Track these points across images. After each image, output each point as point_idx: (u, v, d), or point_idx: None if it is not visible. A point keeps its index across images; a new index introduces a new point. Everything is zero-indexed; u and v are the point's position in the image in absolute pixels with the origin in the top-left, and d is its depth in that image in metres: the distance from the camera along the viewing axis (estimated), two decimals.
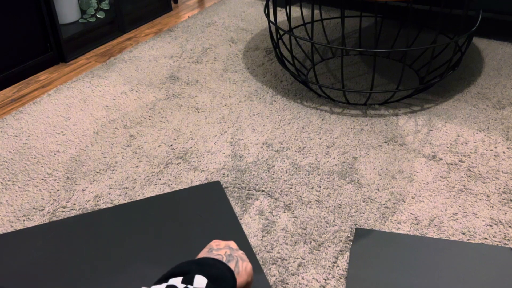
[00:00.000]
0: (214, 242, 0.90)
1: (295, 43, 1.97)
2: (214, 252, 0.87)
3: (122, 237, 1.12)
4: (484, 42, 1.94)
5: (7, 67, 1.77)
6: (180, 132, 1.48)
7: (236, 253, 0.88)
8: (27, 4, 1.77)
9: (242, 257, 0.87)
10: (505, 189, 1.23)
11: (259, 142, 1.42)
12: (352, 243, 1.09)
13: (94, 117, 1.56)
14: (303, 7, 2.32)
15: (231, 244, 0.90)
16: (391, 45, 1.93)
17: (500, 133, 1.43)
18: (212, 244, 0.90)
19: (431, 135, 1.43)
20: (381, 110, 1.56)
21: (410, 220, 1.15)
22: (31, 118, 1.56)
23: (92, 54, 2.00)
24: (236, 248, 0.90)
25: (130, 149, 1.42)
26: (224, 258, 0.86)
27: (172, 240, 1.11)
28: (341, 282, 1.01)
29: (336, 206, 1.20)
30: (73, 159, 1.38)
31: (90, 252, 1.09)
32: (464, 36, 1.51)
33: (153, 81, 1.75)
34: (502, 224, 1.13)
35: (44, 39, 1.87)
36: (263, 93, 1.66)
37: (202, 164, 1.35)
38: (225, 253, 0.86)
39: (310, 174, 1.30)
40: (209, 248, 0.88)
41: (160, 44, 2.02)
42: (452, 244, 1.08)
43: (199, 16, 2.28)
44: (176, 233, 1.13)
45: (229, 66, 1.84)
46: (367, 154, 1.36)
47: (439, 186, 1.24)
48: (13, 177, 1.32)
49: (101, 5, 2.17)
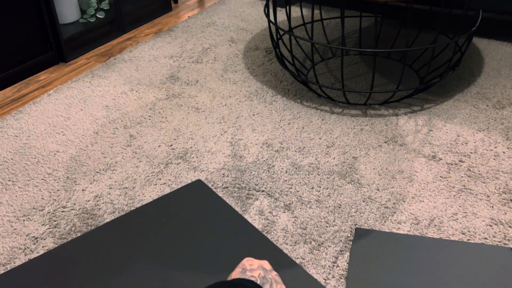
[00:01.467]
0: (248, 261, 0.86)
1: (295, 43, 1.97)
2: (248, 273, 0.84)
3: (125, 254, 1.08)
4: (484, 42, 1.94)
5: (7, 67, 1.77)
6: (180, 132, 1.48)
7: (270, 274, 0.84)
8: (27, 4, 1.77)
9: (276, 280, 0.84)
10: (505, 189, 1.23)
11: (259, 142, 1.42)
12: (352, 243, 1.09)
13: (94, 117, 1.56)
14: (303, 7, 2.32)
15: (264, 265, 0.86)
16: (391, 45, 1.93)
17: (500, 133, 1.43)
18: (245, 264, 0.86)
19: (431, 135, 1.43)
20: (381, 110, 1.56)
21: (410, 220, 1.15)
22: (31, 118, 1.56)
23: (92, 54, 2.00)
24: (270, 269, 0.86)
25: (130, 149, 1.42)
26: (259, 280, 0.82)
27: (182, 248, 1.08)
28: (341, 282, 1.01)
29: (336, 206, 1.20)
30: (73, 159, 1.38)
31: (98, 273, 1.04)
32: (464, 36, 1.51)
33: (153, 81, 1.75)
34: (502, 224, 1.13)
35: (44, 39, 1.87)
36: (263, 93, 1.66)
37: (202, 164, 1.35)
38: (259, 275, 0.83)
39: (310, 174, 1.30)
40: (242, 268, 0.85)
41: (160, 44, 2.02)
42: (452, 244, 1.08)
43: (199, 16, 2.28)
44: (182, 239, 1.10)
45: (229, 66, 1.84)
46: (367, 154, 1.36)
47: (439, 186, 1.24)
48: (13, 177, 1.32)
49: (101, 5, 2.17)
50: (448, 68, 1.61)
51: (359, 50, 1.40)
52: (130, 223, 1.16)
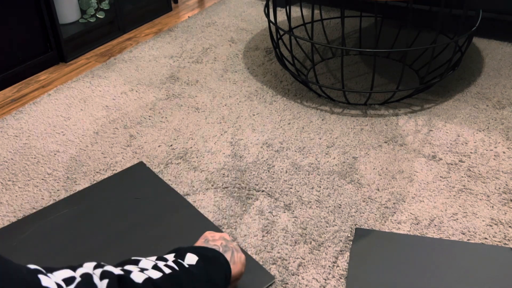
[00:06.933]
0: (210, 234, 0.93)
1: (295, 43, 1.97)
2: (210, 242, 0.90)
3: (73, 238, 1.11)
4: (484, 42, 1.94)
5: (7, 67, 1.77)
6: (180, 132, 1.48)
7: (231, 244, 0.91)
8: (27, 4, 1.77)
9: (236, 248, 0.91)
10: (505, 189, 1.23)
11: (259, 142, 1.42)
12: (352, 243, 1.09)
13: (94, 117, 1.56)
14: (303, 7, 2.32)
15: (225, 236, 0.93)
16: (391, 45, 1.93)
17: (500, 133, 1.43)
18: (207, 235, 0.93)
19: (431, 135, 1.43)
20: (381, 110, 1.56)
21: (410, 220, 1.15)
22: (31, 118, 1.56)
23: (92, 54, 2.00)
24: (230, 239, 0.93)
25: (130, 149, 1.42)
26: (221, 248, 0.89)
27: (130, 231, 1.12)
28: (341, 282, 1.01)
29: (336, 206, 1.20)
30: (73, 159, 1.38)
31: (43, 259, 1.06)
32: (464, 36, 1.51)
33: (153, 81, 1.75)
34: (502, 224, 1.13)
35: (44, 39, 1.87)
36: (263, 93, 1.66)
37: (202, 164, 1.35)
38: (221, 244, 0.90)
39: (310, 174, 1.30)
40: (205, 239, 0.91)
41: (160, 44, 2.02)
42: (452, 244, 1.08)
43: (199, 16, 2.28)
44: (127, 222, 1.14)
45: (229, 66, 1.84)
46: (367, 154, 1.36)
47: (439, 186, 1.24)
48: (13, 177, 1.32)
49: (101, 5, 2.17)
50: (448, 68, 1.61)
51: (359, 50, 1.40)
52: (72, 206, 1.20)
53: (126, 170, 1.31)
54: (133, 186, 1.25)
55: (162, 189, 1.24)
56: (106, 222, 1.15)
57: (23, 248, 1.09)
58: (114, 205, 1.19)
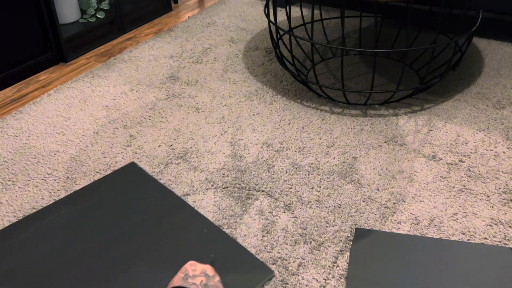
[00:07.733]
0: (191, 266, 0.88)
1: (295, 43, 1.97)
2: (190, 280, 0.85)
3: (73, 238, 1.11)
4: (484, 42, 1.94)
5: (7, 67, 1.77)
6: (180, 132, 1.48)
7: (212, 281, 0.86)
8: (27, 4, 1.77)
9: (218, 286, 0.86)
10: (505, 189, 1.23)
11: (259, 143, 1.42)
12: (352, 243, 1.09)
13: (94, 117, 1.56)
14: (303, 7, 2.32)
15: (208, 270, 0.88)
16: (391, 45, 1.93)
17: (500, 133, 1.43)
18: (188, 268, 0.88)
19: (431, 135, 1.43)
20: (381, 110, 1.56)
21: (410, 220, 1.15)
22: (31, 118, 1.56)
23: (92, 54, 2.00)
24: (212, 275, 0.88)
25: (130, 149, 1.42)
26: None
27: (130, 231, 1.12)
28: (341, 282, 1.01)
29: (336, 206, 1.20)
30: (73, 159, 1.38)
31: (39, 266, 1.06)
32: (464, 36, 1.51)
33: (153, 81, 1.75)
34: (502, 224, 1.13)
35: (44, 39, 1.87)
36: (263, 93, 1.66)
37: (202, 164, 1.35)
38: (200, 282, 0.85)
39: (310, 174, 1.30)
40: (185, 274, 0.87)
41: (160, 44, 2.02)
42: (452, 244, 1.08)
43: (199, 16, 2.28)
44: (121, 223, 1.14)
45: (229, 66, 1.84)
46: (367, 154, 1.36)
47: (439, 186, 1.25)
48: (13, 177, 1.32)
49: (101, 5, 2.17)
50: (448, 68, 1.61)
51: (359, 50, 1.40)
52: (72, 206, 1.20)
53: (118, 171, 1.31)
54: (128, 186, 1.25)
55: (157, 189, 1.24)
56: (106, 222, 1.15)
57: (23, 248, 1.09)
58: (114, 205, 1.19)
